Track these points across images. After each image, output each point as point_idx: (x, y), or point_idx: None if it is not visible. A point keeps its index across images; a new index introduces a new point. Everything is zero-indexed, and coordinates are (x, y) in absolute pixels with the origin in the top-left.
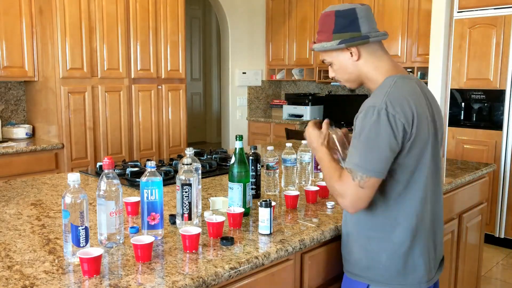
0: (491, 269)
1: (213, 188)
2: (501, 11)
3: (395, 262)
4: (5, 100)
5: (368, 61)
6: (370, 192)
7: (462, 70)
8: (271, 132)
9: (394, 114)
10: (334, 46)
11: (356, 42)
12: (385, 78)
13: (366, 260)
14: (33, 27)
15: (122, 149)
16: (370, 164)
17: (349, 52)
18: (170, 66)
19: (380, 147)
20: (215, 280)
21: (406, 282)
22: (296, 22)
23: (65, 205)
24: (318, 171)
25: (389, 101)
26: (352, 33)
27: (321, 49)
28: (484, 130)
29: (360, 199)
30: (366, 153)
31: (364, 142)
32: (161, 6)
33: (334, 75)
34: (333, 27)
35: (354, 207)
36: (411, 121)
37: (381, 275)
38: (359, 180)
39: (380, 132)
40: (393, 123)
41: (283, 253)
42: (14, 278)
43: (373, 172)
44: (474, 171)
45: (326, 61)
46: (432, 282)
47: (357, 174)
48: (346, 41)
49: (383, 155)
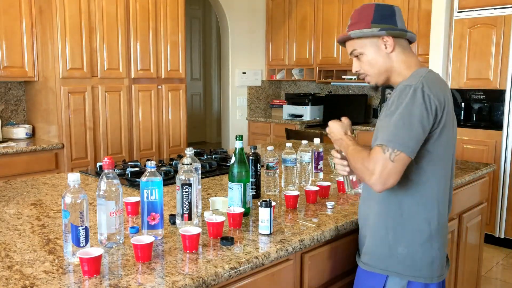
0: (491, 269)
1: (213, 188)
2: (501, 11)
3: (412, 252)
4: (5, 100)
5: (399, 55)
6: (400, 168)
7: (462, 70)
8: (271, 132)
9: (429, 94)
10: (375, 32)
11: (395, 32)
12: (416, 69)
13: (383, 250)
14: (33, 27)
15: (122, 149)
16: (402, 139)
17: (383, 44)
18: (170, 66)
19: (412, 124)
20: (215, 280)
21: (420, 275)
22: (296, 22)
23: (65, 205)
24: (318, 171)
25: (425, 82)
26: (390, 25)
27: (360, 35)
28: (484, 130)
29: (389, 173)
30: (398, 129)
31: (397, 118)
32: (161, 6)
33: (359, 69)
34: (371, 17)
35: (383, 182)
36: (443, 106)
37: (397, 265)
38: (390, 153)
39: (414, 110)
40: (428, 102)
41: (283, 253)
42: (14, 278)
43: (404, 147)
44: (474, 171)
45: (356, 51)
46: (442, 278)
47: (388, 147)
48: (386, 29)
49: (414, 132)
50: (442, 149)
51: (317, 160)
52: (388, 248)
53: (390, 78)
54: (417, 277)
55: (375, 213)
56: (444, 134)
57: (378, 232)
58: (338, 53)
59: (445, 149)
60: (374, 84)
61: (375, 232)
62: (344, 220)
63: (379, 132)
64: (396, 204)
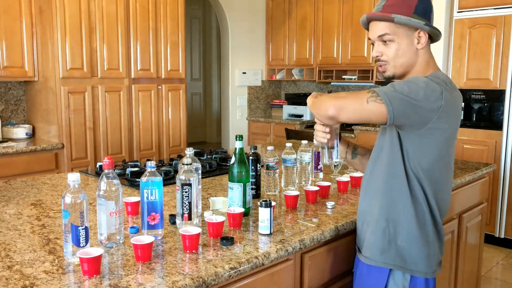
0: (491, 269)
1: (213, 188)
2: (501, 11)
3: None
4: (5, 100)
5: (425, 54)
6: (365, 111)
7: (462, 70)
8: (271, 132)
9: (442, 84)
10: (421, 24)
11: (434, 31)
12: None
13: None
14: (33, 27)
15: (122, 149)
16: (392, 96)
17: (417, 38)
18: (170, 66)
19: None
20: (215, 280)
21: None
22: (296, 22)
23: (65, 205)
24: (318, 171)
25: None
26: (427, 21)
27: (406, 22)
28: (484, 130)
29: (352, 107)
30: (395, 90)
31: (400, 85)
32: (161, 6)
33: (381, 54)
34: (414, 7)
35: (338, 109)
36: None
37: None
38: (371, 95)
39: (415, 86)
40: (439, 89)
41: (283, 253)
42: (14, 278)
43: (387, 101)
44: (474, 171)
45: (387, 36)
46: (434, 275)
47: (373, 91)
48: (429, 25)
49: (406, 99)
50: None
51: (317, 160)
52: (388, 241)
53: (408, 73)
54: (414, 271)
55: (378, 205)
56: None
57: (380, 224)
58: (338, 53)
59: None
60: (391, 75)
61: (377, 224)
62: (344, 220)
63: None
64: (397, 197)
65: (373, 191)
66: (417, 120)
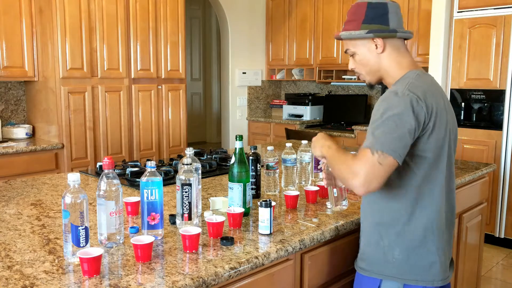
0: (491, 269)
1: (213, 188)
2: (501, 11)
3: (408, 257)
4: (5, 100)
5: (391, 55)
6: (387, 171)
7: (462, 70)
8: (271, 132)
9: (416, 98)
10: (362, 34)
11: (384, 34)
12: (407, 71)
13: (379, 255)
14: (33, 27)
15: (122, 149)
16: (390, 144)
17: (374, 44)
18: (170, 66)
19: (399, 129)
20: (215, 280)
21: (419, 278)
22: (296, 22)
23: (65, 205)
24: (318, 171)
25: (412, 87)
26: (381, 25)
27: (348, 37)
28: (484, 130)
29: (375, 176)
30: (385, 134)
31: (385, 123)
32: (161, 6)
33: (354, 67)
34: (363, 18)
35: (367, 185)
36: (431, 110)
37: (393, 270)
38: (378, 156)
39: (401, 115)
40: (415, 106)
41: (283, 253)
42: (14, 278)
43: (391, 151)
44: (474, 171)
45: (349, 50)
46: (447, 281)
47: (376, 150)
48: (373, 31)
49: (401, 137)
50: (432, 154)
51: (317, 160)
52: (383, 253)
53: (383, 78)
54: (416, 281)
55: (368, 219)
56: (434, 138)
57: (373, 237)
58: (338, 53)
59: (436, 153)
60: (368, 82)
61: (370, 238)
62: (344, 220)
63: (366, 136)
64: (388, 210)
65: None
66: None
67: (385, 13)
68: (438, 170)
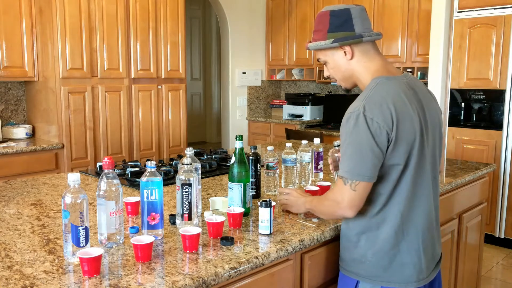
0: (491, 269)
1: (213, 188)
2: (501, 11)
3: (381, 259)
4: (5, 100)
5: (360, 61)
6: (363, 194)
7: (462, 70)
8: (271, 132)
9: (372, 117)
10: (328, 44)
11: (349, 41)
12: (371, 79)
13: (355, 256)
14: (33, 27)
15: (122, 149)
16: (358, 169)
17: (343, 51)
18: (170, 66)
19: (362, 151)
20: (215, 280)
21: (392, 280)
22: (296, 22)
23: (65, 205)
24: (318, 171)
25: (367, 105)
26: (346, 32)
27: (316, 48)
28: (484, 130)
29: (354, 200)
30: (351, 159)
31: (348, 148)
32: (161, 6)
33: (329, 74)
34: (328, 27)
35: (351, 209)
36: (391, 122)
37: (368, 271)
38: (350, 184)
39: (360, 137)
40: (371, 126)
41: (283, 253)
42: (14, 278)
43: (361, 177)
44: (474, 171)
45: (321, 59)
46: (424, 282)
47: (347, 179)
48: (339, 39)
49: (366, 158)
50: (400, 161)
51: (317, 160)
52: (358, 255)
53: (357, 83)
54: (389, 282)
55: (346, 221)
56: (400, 147)
57: (349, 239)
58: None
59: (405, 160)
60: (345, 87)
61: (346, 239)
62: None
63: (340, 160)
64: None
65: None
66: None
67: (349, 19)
68: (407, 174)
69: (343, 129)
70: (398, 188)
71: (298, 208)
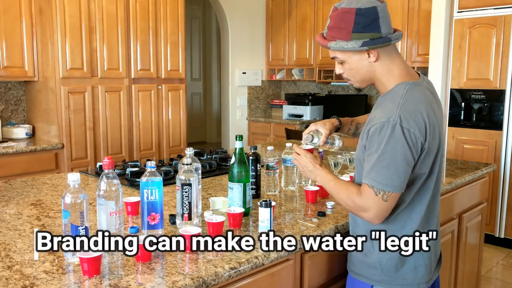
0: (491, 269)
1: (213, 188)
2: (501, 11)
3: (395, 263)
4: (5, 100)
5: (383, 63)
6: (393, 204)
7: (462, 70)
8: (271, 132)
9: (408, 128)
10: (356, 47)
11: (378, 45)
12: (396, 84)
13: (369, 261)
14: (33, 27)
15: (122, 149)
16: (390, 180)
17: (366, 53)
18: (170, 66)
19: (397, 162)
20: (215, 280)
21: (406, 283)
22: (296, 22)
23: (65, 205)
24: None
25: (403, 115)
26: (373, 33)
27: (339, 49)
28: (484, 130)
29: (384, 211)
30: (384, 169)
31: (382, 158)
32: (161, 6)
33: (342, 72)
34: (352, 26)
35: (379, 219)
36: (425, 133)
37: (382, 275)
38: (382, 195)
39: (396, 148)
40: (409, 137)
41: (283, 253)
42: (14, 278)
43: (393, 188)
44: (474, 171)
45: (338, 59)
46: (431, 282)
47: (379, 190)
48: (368, 43)
49: (401, 170)
50: (427, 169)
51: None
52: (373, 260)
53: (374, 84)
54: (403, 285)
55: (360, 226)
56: (429, 156)
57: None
58: None
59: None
60: (358, 87)
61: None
62: (344, 220)
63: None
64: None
65: None
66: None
67: (376, 19)
68: (431, 180)
69: (374, 137)
70: (420, 195)
71: (306, 174)
